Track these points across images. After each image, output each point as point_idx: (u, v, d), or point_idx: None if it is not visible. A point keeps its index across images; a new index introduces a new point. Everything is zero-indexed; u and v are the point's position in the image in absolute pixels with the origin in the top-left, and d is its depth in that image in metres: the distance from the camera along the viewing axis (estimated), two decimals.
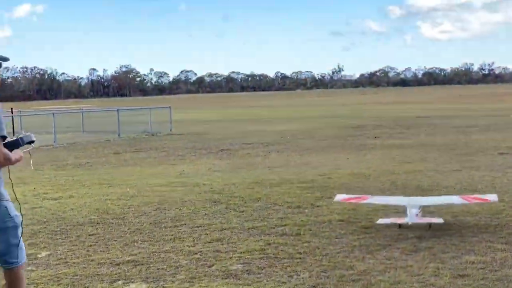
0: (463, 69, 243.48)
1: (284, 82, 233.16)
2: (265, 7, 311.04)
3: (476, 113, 41.42)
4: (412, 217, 8.90)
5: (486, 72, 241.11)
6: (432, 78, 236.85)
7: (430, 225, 8.98)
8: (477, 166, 15.19)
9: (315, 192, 12.17)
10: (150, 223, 9.86)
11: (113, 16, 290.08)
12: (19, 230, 5.28)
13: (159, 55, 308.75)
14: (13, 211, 5.24)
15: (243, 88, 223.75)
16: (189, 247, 8.28)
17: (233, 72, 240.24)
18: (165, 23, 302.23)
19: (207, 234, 8.98)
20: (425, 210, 9.55)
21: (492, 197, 9.81)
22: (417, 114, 41.47)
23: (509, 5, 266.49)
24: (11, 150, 5.09)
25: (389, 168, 15.35)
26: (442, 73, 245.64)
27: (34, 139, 5.41)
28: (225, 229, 9.26)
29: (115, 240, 8.79)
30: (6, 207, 5.17)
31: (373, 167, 15.59)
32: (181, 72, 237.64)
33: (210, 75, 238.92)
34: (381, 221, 9.23)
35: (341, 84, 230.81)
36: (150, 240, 8.72)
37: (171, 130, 31.50)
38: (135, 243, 8.58)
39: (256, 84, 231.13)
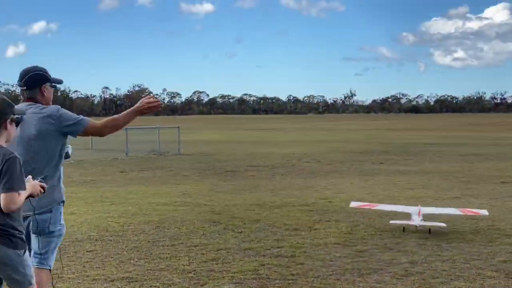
0: (475, 97, 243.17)
1: (296, 106, 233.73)
2: (279, 31, 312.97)
3: (483, 142, 41.40)
4: (417, 221, 10.61)
5: (498, 101, 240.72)
6: (444, 106, 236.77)
7: (430, 230, 10.51)
8: (477, 194, 15.26)
9: (314, 215, 12.28)
10: (148, 241, 10.00)
11: (127, 35, 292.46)
12: (60, 240, 5.70)
13: (172, 75, 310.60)
14: (63, 220, 5.66)
15: (255, 111, 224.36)
16: (184, 265, 8.40)
17: (246, 94, 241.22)
18: (180, 43, 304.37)
19: (203, 253, 9.10)
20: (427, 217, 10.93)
21: (483, 212, 11.35)
22: (425, 141, 41.50)
23: None
24: None
25: (391, 194, 15.44)
26: (454, 101, 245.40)
27: (70, 152, 5.73)
28: (221, 249, 9.38)
29: (111, 257, 8.92)
30: (61, 212, 5.62)
31: (374, 192, 15.69)
32: (194, 93, 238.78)
33: (223, 96, 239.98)
34: (392, 222, 10.87)
35: (353, 109, 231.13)
36: (146, 258, 8.85)
37: (179, 150, 31.69)
38: (131, 261, 8.71)
39: (268, 107, 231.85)
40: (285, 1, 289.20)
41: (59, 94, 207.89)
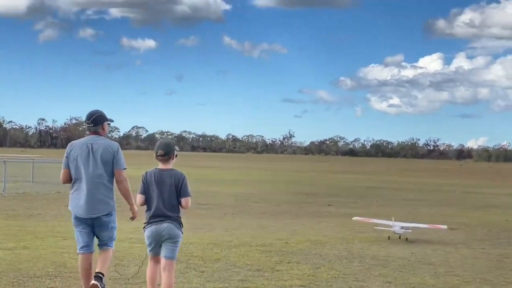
0: (409, 143, 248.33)
1: (235, 145, 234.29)
2: (220, 70, 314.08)
3: (423, 187, 42.23)
4: (397, 229, 15.02)
5: (431, 147, 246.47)
6: (380, 150, 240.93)
7: (407, 238, 15.08)
8: (428, 240, 15.47)
9: (274, 256, 12.22)
10: (110, 278, 9.74)
11: (66, 67, 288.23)
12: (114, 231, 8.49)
13: (111, 110, 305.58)
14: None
15: (193, 148, 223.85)
16: None
17: (185, 131, 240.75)
18: (119, 78, 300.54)
19: None
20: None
21: (443, 227, 16.15)
22: (367, 185, 42.08)
23: (455, 85, 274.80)
24: None
25: (345, 236, 15.52)
26: (389, 146, 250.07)
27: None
28: None
29: None
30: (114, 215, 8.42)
31: (329, 234, 15.74)
32: (132, 128, 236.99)
33: (162, 132, 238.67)
34: (376, 227, 15.69)
35: (292, 150, 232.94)
36: None
37: None
38: None
39: (206, 145, 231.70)
40: (228, 42, 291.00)
41: None
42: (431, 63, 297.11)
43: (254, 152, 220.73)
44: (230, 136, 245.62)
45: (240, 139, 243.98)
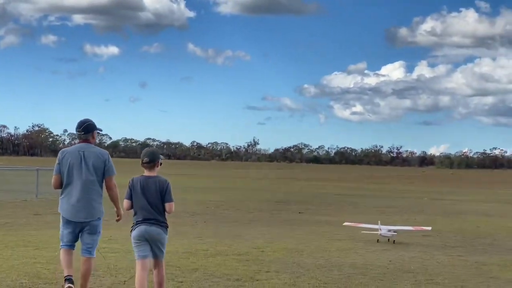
0: (373, 150, 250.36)
1: (200, 152, 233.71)
2: (184, 77, 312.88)
3: (390, 194, 42.41)
4: (384, 232, 16.06)
5: (394, 155, 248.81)
6: (344, 157, 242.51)
7: (394, 241, 16.01)
8: (404, 247, 15.41)
9: (251, 265, 12.03)
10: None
11: (28, 73, 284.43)
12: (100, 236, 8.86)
13: (73, 117, 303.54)
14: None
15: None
16: None
17: (149, 138, 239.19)
18: (82, 85, 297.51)
19: None
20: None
21: (427, 228, 17.51)
22: (336, 192, 42.14)
23: (417, 93, 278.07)
24: None
25: (321, 244, 15.39)
26: (353, 153, 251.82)
27: None
28: None
29: None
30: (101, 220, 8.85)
31: (304, 243, 15.59)
32: None
33: (126, 140, 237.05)
34: (363, 231, 16.97)
35: (256, 157, 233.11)
36: None
37: None
38: None
39: (171, 152, 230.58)
40: (192, 49, 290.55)
41: None
42: (394, 71, 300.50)
43: (218, 159, 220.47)
44: (195, 144, 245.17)
45: (205, 146, 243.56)
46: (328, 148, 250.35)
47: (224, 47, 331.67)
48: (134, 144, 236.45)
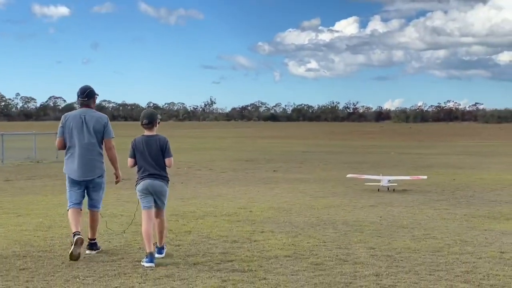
0: (330, 107, 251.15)
1: (157, 113, 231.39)
2: (136, 37, 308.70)
3: (356, 150, 42.59)
4: (385, 183, 17.40)
5: (351, 110, 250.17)
6: (301, 114, 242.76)
7: (394, 189, 17.36)
8: (389, 202, 15.36)
9: (245, 226, 11.83)
10: (84, 256, 9.15)
11: None
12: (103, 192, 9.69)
13: (25, 80, 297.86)
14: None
15: (114, 117, 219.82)
16: (140, 284, 7.70)
17: (104, 100, 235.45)
18: (32, 47, 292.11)
19: (152, 269, 8.42)
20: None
21: (423, 177, 18.77)
22: (302, 149, 42.12)
23: (371, 48, 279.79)
24: None
25: (306, 202, 15.26)
26: (310, 110, 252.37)
27: None
28: (168, 264, 8.73)
29: (52, 276, 8.06)
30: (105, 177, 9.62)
31: (289, 201, 15.44)
32: (50, 98, 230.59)
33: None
34: (366, 183, 18.28)
35: (213, 117, 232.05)
36: (93, 276, 8.05)
37: (57, 157, 30.09)
38: (77, 279, 7.90)
39: (127, 113, 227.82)
40: (144, 8, 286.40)
41: None
42: (347, 26, 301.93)
43: (176, 120, 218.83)
44: (151, 104, 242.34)
45: (161, 107, 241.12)
46: (285, 105, 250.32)
47: (176, 6, 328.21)
48: None
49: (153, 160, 9.01)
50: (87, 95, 9.48)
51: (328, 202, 15.35)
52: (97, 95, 9.60)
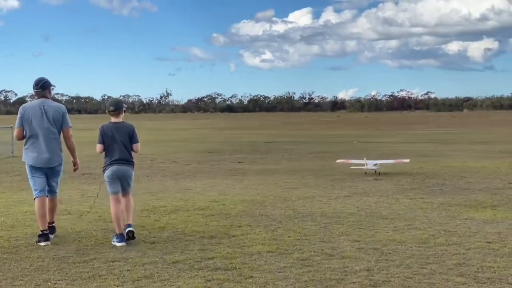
0: (286, 97, 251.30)
1: None
2: (88, 29, 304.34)
3: (318, 139, 42.34)
4: (370, 167, 18.66)
5: (307, 100, 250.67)
6: (257, 105, 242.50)
7: (379, 173, 18.49)
8: (364, 192, 15.03)
9: (220, 220, 11.35)
10: (53, 258, 8.58)
11: None
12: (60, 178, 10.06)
13: None
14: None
15: (68, 111, 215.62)
16: (117, 286, 7.18)
17: (57, 93, 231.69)
18: None
19: (129, 270, 7.89)
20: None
21: (406, 160, 20.66)
22: (265, 140, 41.73)
23: (325, 39, 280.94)
24: None
25: (278, 194, 14.83)
26: (266, 101, 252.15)
27: None
28: (145, 263, 8.21)
29: (21, 280, 7.49)
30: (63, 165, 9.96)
31: (261, 193, 14.98)
32: (0, 92, 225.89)
33: (32, 96, 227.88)
34: (353, 167, 19.45)
35: (170, 109, 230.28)
36: (65, 279, 7.50)
37: (12, 152, 29.16)
38: (49, 283, 7.34)
39: (81, 106, 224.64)
40: (95, 0, 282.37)
41: None
42: (301, 17, 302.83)
43: (132, 112, 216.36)
44: (106, 97, 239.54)
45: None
46: (242, 96, 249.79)
47: None
48: None
49: (121, 145, 9.51)
50: (41, 86, 9.77)
51: (301, 193, 14.95)
52: (54, 86, 10.10)
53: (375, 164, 18.90)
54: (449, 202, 13.42)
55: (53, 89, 10.11)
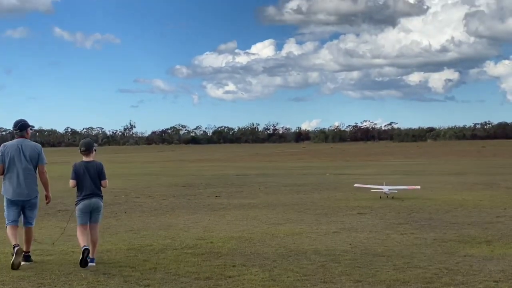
0: (250, 128, 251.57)
1: (75, 138, 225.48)
2: (52, 62, 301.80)
3: (289, 172, 42.06)
4: (386, 191, 21.13)
5: (271, 132, 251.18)
6: (221, 137, 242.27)
7: (393, 197, 20.91)
8: (352, 228, 14.73)
9: (212, 259, 10.93)
10: (20, 268, 8.07)
11: None
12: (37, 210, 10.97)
13: None
14: None
15: None
16: None
17: None
18: None
19: None
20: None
21: (417, 187, 22.65)
22: (235, 172, 41.34)
23: (287, 70, 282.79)
24: None
25: (264, 230, 14.44)
26: (231, 132, 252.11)
27: None
28: None
29: None
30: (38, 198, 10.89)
31: (246, 229, 14.59)
32: None
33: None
34: (373, 190, 22.12)
35: (134, 141, 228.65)
36: None
37: None
38: None
39: (44, 139, 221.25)
40: (58, 32, 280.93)
41: None
42: (264, 49, 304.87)
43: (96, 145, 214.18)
44: (69, 130, 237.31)
45: (80, 132, 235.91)
46: (206, 128, 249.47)
47: (92, 31, 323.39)
48: (4, 133, 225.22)
49: (91, 182, 10.70)
50: (19, 127, 10.81)
51: (288, 229, 14.58)
52: (32, 127, 10.91)
53: (390, 189, 21.34)
54: (442, 237, 13.17)
55: (31, 129, 10.90)
